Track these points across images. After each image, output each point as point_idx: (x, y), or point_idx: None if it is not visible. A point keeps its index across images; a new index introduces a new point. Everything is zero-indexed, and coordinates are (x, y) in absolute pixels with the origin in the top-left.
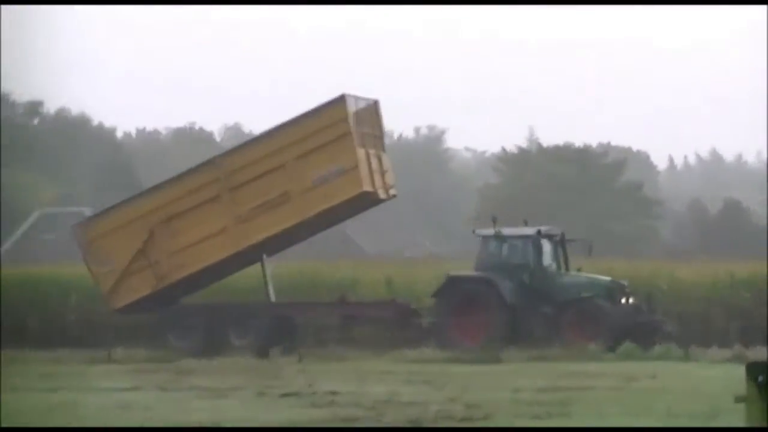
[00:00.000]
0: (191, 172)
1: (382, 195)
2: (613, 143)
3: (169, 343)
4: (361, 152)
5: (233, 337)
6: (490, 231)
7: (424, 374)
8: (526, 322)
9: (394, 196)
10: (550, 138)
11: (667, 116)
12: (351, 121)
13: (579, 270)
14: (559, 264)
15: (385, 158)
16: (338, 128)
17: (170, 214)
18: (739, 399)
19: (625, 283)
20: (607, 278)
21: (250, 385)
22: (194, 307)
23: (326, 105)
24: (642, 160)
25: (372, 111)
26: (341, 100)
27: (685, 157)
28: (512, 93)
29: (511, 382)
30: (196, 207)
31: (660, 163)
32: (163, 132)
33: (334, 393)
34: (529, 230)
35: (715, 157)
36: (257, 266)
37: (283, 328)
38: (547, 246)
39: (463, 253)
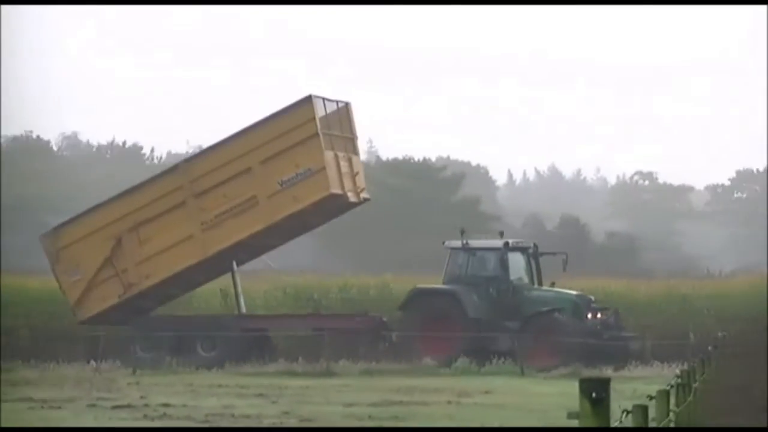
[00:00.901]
0: (156, 178)
1: (352, 198)
2: (453, 157)
3: (136, 354)
4: (329, 154)
5: (201, 349)
6: (458, 243)
7: (256, 387)
8: (491, 336)
9: (367, 199)
10: (388, 152)
11: (507, 131)
12: (318, 122)
13: (552, 284)
14: (532, 277)
15: (357, 161)
16: (305, 130)
17: (137, 222)
18: (572, 415)
19: (593, 298)
20: (574, 293)
21: (84, 397)
22: (162, 319)
23: (293, 106)
24: (481, 174)
25: (342, 113)
26: (307, 101)
27: (524, 172)
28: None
29: (344, 396)
30: (163, 214)
31: (499, 178)
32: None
33: (166, 405)
34: (497, 242)
35: (554, 172)
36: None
37: (255, 341)
38: (516, 259)
39: (297, 267)
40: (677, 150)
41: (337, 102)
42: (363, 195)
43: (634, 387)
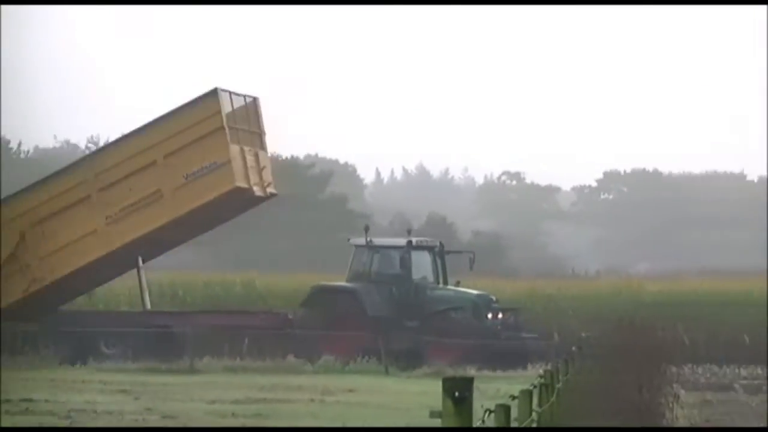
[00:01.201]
0: (60, 173)
1: (258, 192)
2: (321, 155)
3: (41, 351)
4: (234, 148)
5: (104, 346)
6: (362, 240)
7: (119, 384)
8: (390, 335)
9: (274, 194)
10: None
11: (377, 129)
12: (224, 116)
13: (458, 283)
14: (437, 276)
15: (264, 156)
16: (210, 123)
17: (41, 217)
18: (434, 414)
19: (494, 298)
20: (476, 292)
21: None
22: (68, 316)
23: (198, 100)
24: (349, 173)
25: (250, 108)
26: (213, 94)
27: (392, 170)
28: None
29: (208, 393)
30: (67, 209)
31: (367, 176)
32: None
33: (28, 401)
34: (400, 241)
35: (422, 171)
36: None
37: (160, 338)
38: (420, 257)
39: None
40: (545, 150)
41: (244, 96)
42: (270, 190)
43: (498, 386)
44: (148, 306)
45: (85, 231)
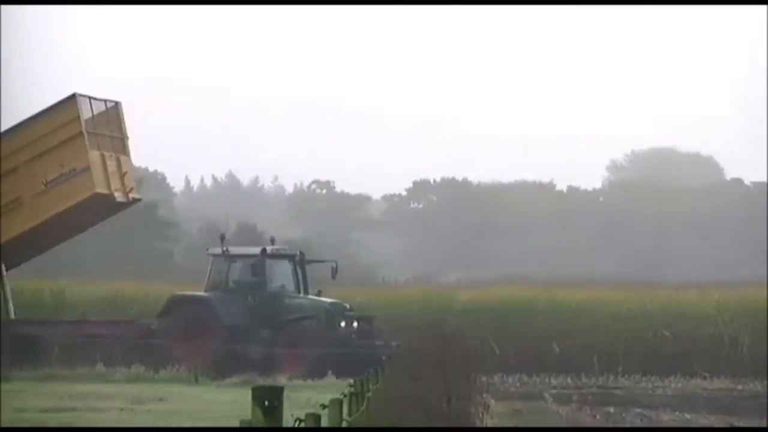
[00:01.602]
0: None
1: (120, 198)
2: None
3: None
4: (94, 154)
5: None
6: (219, 250)
7: None
8: (245, 344)
9: (137, 199)
10: None
11: (186, 136)
12: (83, 121)
13: (319, 292)
14: (298, 285)
15: (126, 161)
16: (70, 129)
17: None
18: (244, 423)
19: (348, 306)
20: (330, 300)
21: None
22: None
23: (57, 106)
24: (158, 180)
25: (111, 113)
26: (72, 100)
27: (202, 178)
28: None
29: (16, 401)
30: None
31: (176, 184)
32: None
33: None
34: (254, 249)
35: (232, 179)
36: None
37: (24, 347)
38: (278, 266)
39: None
40: (355, 159)
41: (105, 101)
42: (132, 195)
43: (309, 395)
44: (12, 314)
45: None
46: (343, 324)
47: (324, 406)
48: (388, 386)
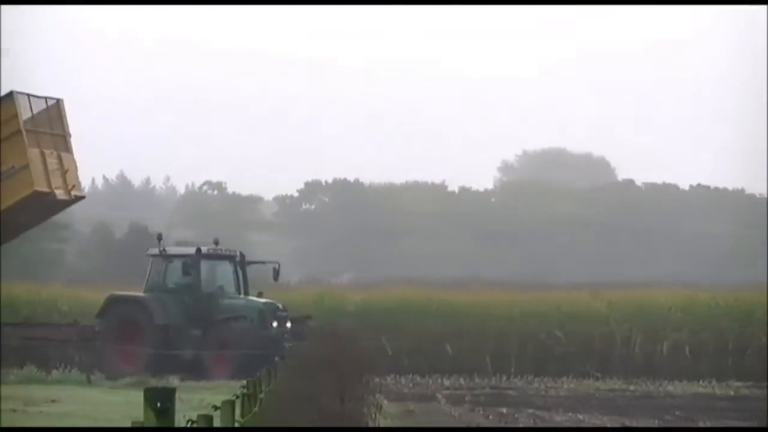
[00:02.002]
0: None
1: (61, 195)
2: None
3: None
4: (34, 151)
5: None
6: (157, 250)
7: None
8: (177, 345)
9: (80, 197)
10: None
11: (77, 138)
12: (21, 119)
13: (260, 293)
14: (238, 285)
15: (68, 158)
16: (8, 127)
17: None
18: (136, 423)
19: (281, 306)
20: (263, 301)
21: None
22: None
23: None
24: None
25: (53, 110)
26: (9, 97)
27: (93, 179)
28: None
29: None
30: None
31: None
32: None
33: None
34: (190, 250)
35: (123, 180)
36: None
37: None
38: (216, 266)
39: None
40: (247, 160)
41: (46, 99)
42: (75, 192)
43: (201, 397)
44: None
45: None
46: (275, 324)
47: (216, 408)
48: (281, 387)
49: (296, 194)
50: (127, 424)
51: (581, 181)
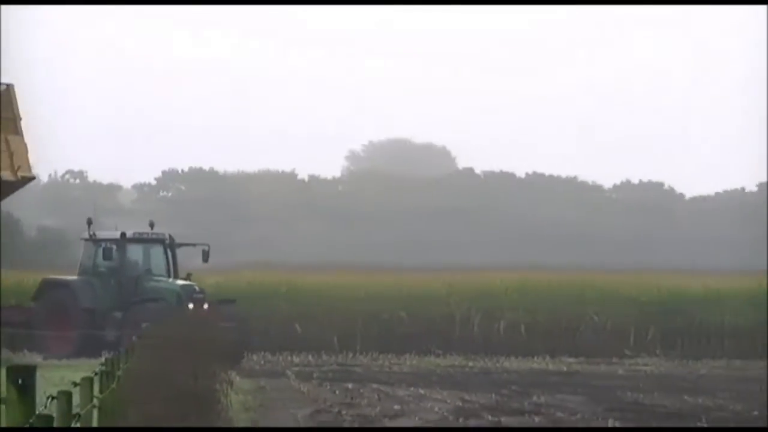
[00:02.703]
0: None
1: (7, 177)
2: None
3: None
4: None
5: None
6: (87, 234)
7: None
8: (102, 327)
9: (28, 178)
10: None
11: None
12: None
13: (188, 275)
14: (168, 268)
15: (18, 140)
16: None
17: None
18: None
19: (198, 288)
20: (181, 283)
21: None
22: None
23: None
24: None
25: (4, 95)
26: None
27: None
28: None
29: None
30: None
31: None
32: None
33: None
34: (115, 233)
35: None
36: None
37: None
38: (145, 249)
39: None
40: (107, 148)
41: None
42: (22, 173)
43: (62, 374)
44: None
45: None
46: (191, 306)
47: (76, 384)
48: (138, 365)
49: (154, 182)
50: None
51: (425, 170)
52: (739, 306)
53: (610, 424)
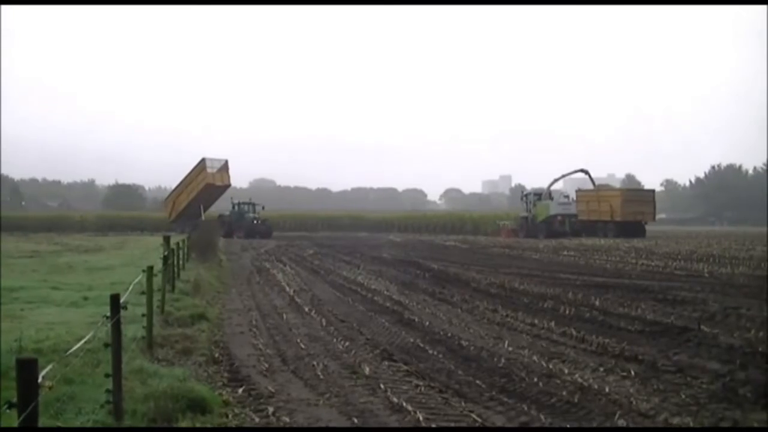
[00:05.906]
0: None
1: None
2: None
3: None
4: None
5: None
6: None
7: None
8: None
9: (227, 185)
10: None
11: None
12: None
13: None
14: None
15: (223, 165)
16: None
17: None
18: None
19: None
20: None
21: None
22: None
23: None
24: None
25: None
26: None
27: None
28: None
29: None
30: None
31: None
32: None
33: None
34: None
35: None
36: None
37: None
38: (248, 209)
39: None
40: None
41: None
42: (225, 182)
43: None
44: None
45: None
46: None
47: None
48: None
49: None
50: None
51: None
52: None
53: None
